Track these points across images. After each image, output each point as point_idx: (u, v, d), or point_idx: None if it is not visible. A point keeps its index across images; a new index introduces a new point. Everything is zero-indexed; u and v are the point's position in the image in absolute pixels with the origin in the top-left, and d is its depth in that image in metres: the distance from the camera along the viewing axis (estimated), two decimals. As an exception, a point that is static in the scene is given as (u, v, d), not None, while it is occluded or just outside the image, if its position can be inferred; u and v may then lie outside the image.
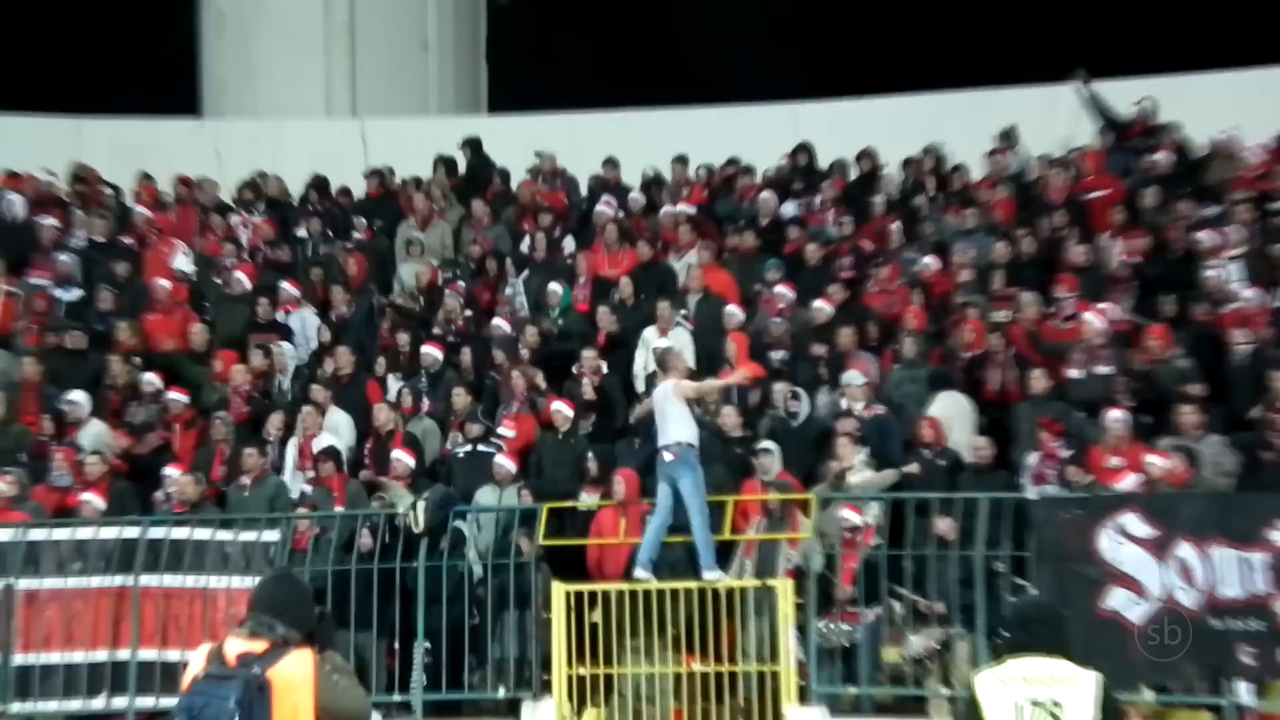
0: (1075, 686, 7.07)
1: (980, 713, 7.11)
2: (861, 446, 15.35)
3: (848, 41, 27.55)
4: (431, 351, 17.55)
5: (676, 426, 13.91)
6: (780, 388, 16.46)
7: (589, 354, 17.16)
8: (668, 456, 13.84)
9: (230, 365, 17.67)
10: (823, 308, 17.70)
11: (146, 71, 26.48)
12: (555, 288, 18.56)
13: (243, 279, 19.25)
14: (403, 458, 15.64)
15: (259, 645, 6.43)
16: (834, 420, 15.98)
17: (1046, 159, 20.10)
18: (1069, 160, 19.82)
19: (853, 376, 16.37)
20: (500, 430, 16.52)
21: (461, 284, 19.03)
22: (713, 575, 13.91)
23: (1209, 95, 21.25)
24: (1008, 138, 20.63)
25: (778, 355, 17.20)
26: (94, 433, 16.91)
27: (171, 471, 15.86)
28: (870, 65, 26.02)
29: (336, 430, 16.63)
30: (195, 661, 6.51)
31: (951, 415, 16.08)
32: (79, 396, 17.11)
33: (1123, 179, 19.42)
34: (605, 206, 20.05)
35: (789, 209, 20.24)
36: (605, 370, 17.20)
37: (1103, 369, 16.18)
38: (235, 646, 6.44)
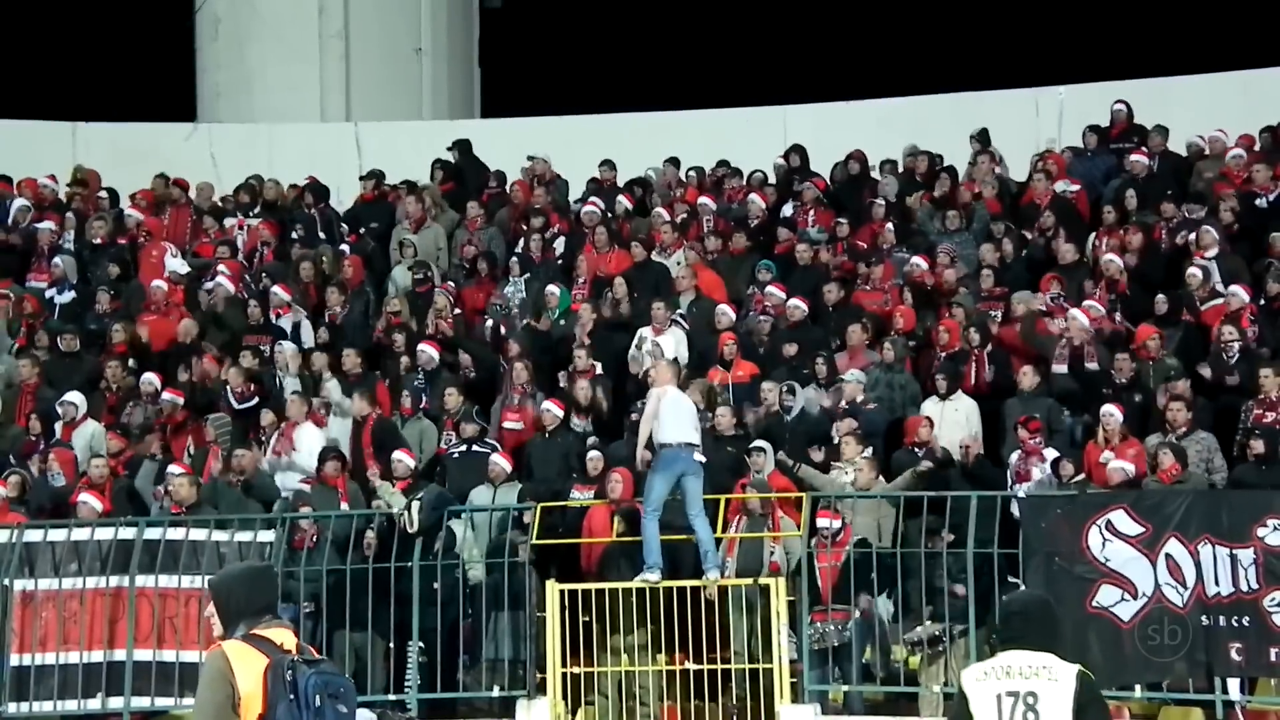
0: (1052, 679, 7.10)
1: (968, 706, 7.17)
2: (864, 445, 15.43)
3: (836, 45, 27.66)
4: (428, 350, 17.62)
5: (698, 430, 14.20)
6: (769, 385, 16.53)
7: (580, 353, 17.25)
8: (699, 457, 14.06)
9: (225, 367, 17.72)
10: (799, 306, 17.79)
11: (142, 77, 26.58)
12: (553, 289, 18.64)
13: (227, 285, 19.27)
14: (404, 459, 15.71)
15: (292, 635, 6.59)
16: (832, 420, 16.09)
17: (1032, 160, 20.20)
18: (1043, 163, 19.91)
19: (854, 374, 16.46)
20: (505, 425, 16.58)
21: (451, 284, 19.11)
22: (715, 574, 14.04)
23: (1189, 98, 21.39)
24: (981, 140, 20.70)
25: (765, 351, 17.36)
26: (90, 433, 17.00)
27: (173, 470, 15.90)
28: (858, 69, 26.13)
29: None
30: (244, 653, 6.47)
31: (966, 415, 16.14)
32: (76, 398, 17.19)
33: (1105, 180, 19.57)
34: (593, 207, 20.11)
35: (786, 209, 20.33)
36: (600, 370, 17.28)
37: (1090, 366, 16.32)
38: (285, 637, 6.54)
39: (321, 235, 20.68)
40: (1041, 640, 7.20)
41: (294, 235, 20.60)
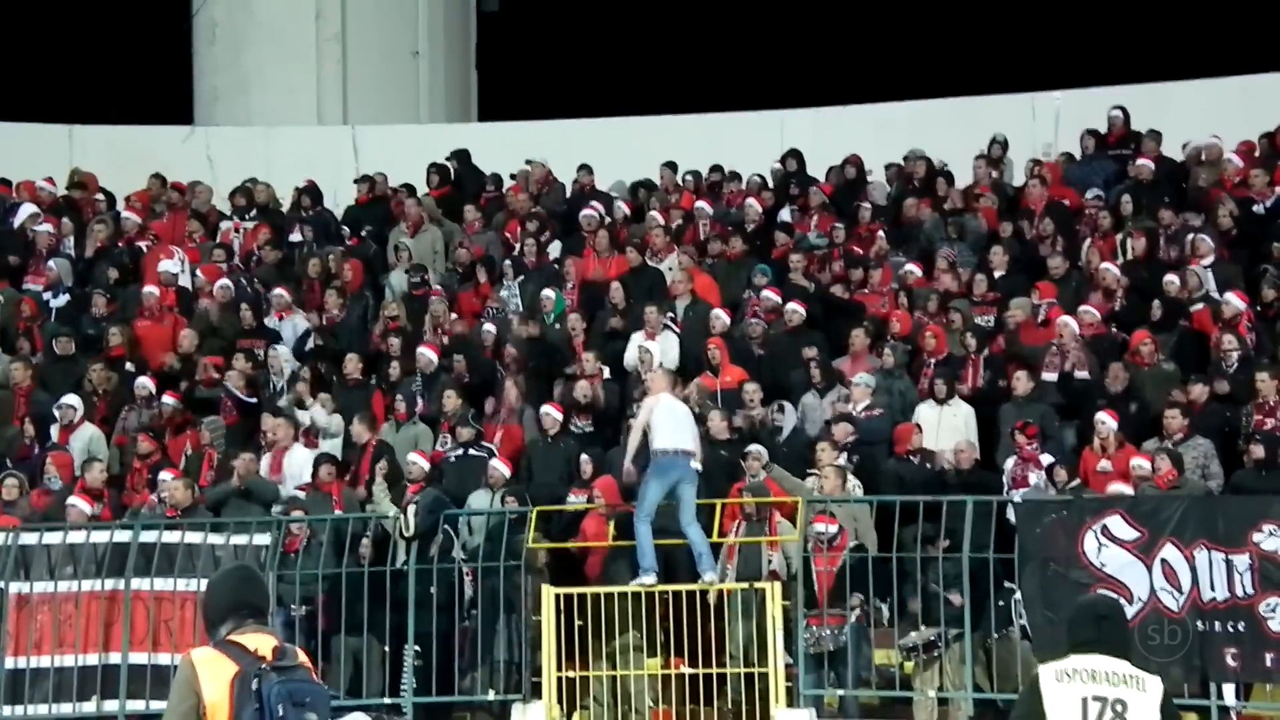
0: (1141, 689, 7.07)
1: (1041, 704, 7.09)
2: (840, 452, 15.42)
3: (833, 50, 27.66)
4: (426, 353, 17.60)
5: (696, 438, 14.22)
6: (752, 387, 16.49)
7: (589, 356, 17.22)
8: (695, 465, 14.08)
9: (222, 370, 17.72)
10: (796, 310, 17.77)
11: (140, 80, 26.56)
12: (549, 293, 18.63)
13: (229, 285, 19.27)
14: (418, 460, 15.72)
15: (272, 640, 6.55)
16: (828, 424, 16.07)
17: (1029, 166, 20.20)
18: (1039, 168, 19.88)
19: (863, 378, 16.45)
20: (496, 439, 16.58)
21: (442, 289, 19.10)
22: (711, 576, 14.04)
23: (1188, 103, 21.40)
24: (1003, 146, 20.69)
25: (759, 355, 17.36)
26: (87, 437, 16.98)
27: (165, 475, 15.90)
28: (855, 73, 26.14)
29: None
30: (213, 660, 6.45)
31: (964, 420, 16.13)
32: (74, 401, 17.17)
33: (1107, 187, 19.55)
34: (592, 210, 20.10)
35: (783, 214, 20.32)
36: (608, 374, 17.27)
37: (1079, 373, 16.31)
38: (262, 642, 6.50)
39: (322, 238, 20.69)
40: (1122, 646, 7.17)
41: (297, 237, 20.59)
